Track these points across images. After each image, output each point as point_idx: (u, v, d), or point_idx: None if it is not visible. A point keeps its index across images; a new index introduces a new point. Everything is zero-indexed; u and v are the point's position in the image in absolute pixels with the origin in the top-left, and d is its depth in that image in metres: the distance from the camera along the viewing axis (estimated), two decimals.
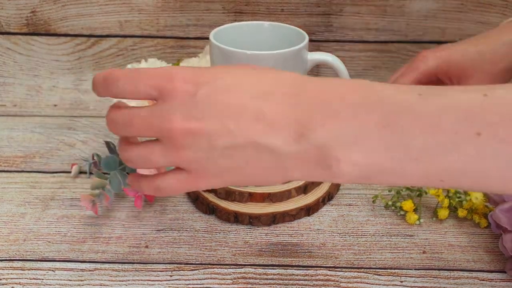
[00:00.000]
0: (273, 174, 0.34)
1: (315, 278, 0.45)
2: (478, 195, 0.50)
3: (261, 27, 0.55)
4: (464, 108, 0.29)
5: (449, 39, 0.74)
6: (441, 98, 0.30)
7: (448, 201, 0.51)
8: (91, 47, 0.75)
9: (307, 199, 0.52)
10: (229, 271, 0.45)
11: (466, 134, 0.29)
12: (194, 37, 0.74)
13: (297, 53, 0.48)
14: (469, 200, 0.50)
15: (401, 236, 0.50)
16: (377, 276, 0.45)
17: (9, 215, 0.52)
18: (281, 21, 0.72)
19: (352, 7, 0.72)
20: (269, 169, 0.33)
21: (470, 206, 0.51)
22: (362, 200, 0.55)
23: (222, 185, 0.35)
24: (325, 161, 0.31)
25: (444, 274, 0.45)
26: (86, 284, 0.44)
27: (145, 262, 0.46)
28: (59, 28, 0.74)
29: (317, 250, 0.48)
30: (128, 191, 0.51)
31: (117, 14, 0.73)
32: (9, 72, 0.76)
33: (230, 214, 0.51)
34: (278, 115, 0.32)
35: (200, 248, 0.48)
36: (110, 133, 0.68)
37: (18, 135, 0.67)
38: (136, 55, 0.75)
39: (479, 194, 0.50)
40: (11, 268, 0.45)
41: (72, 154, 0.63)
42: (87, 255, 0.47)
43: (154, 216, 0.52)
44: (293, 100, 0.32)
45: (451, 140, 0.29)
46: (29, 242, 0.49)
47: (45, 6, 0.72)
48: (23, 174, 0.59)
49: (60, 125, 0.70)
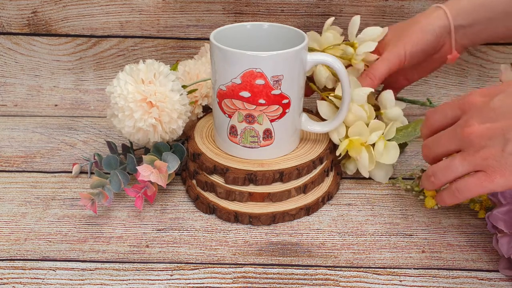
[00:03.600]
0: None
1: (315, 277, 0.45)
2: None
3: (261, 27, 0.55)
4: None
5: None
6: None
7: None
8: (92, 47, 0.75)
9: (307, 199, 0.53)
10: (229, 271, 0.46)
11: None
12: (194, 38, 0.75)
13: (297, 53, 0.48)
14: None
15: (400, 235, 0.50)
16: (377, 275, 0.45)
17: (10, 215, 0.52)
18: (281, 21, 0.73)
19: (351, 8, 0.72)
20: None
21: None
22: (362, 200, 0.55)
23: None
24: None
25: (443, 274, 0.46)
26: (87, 284, 0.44)
27: (145, 262, 0.47)
28: (60, 28, 0.74)
29: (316, 250, 0.48)
30: (129, 191, 0.51)
31: (118, 14, 0.73)
32: (10, 72, 0.76)
33: (230, 214, 0.51)
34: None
35: (200, 248, 0.48)
36: (110, 133, 0.68)
37: (19, 135, 0.68)
38: (136, 55, 0.76)
39: None
40: (12, 268, 0.46)
41: (73, 154, 0.63)
42: (88, 254, 0.47)
43: (155, 215, 0.52)
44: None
45: None
46: (30, 241, 0.49)
47: (46, 6, 0.73)
48: (24, 174, 0.59)
49: (61, 125, 0.70)
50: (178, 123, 0.53)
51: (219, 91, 0.50)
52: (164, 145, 0.54)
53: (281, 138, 0.52)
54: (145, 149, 0.58)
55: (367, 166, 0.54)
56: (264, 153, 0.52)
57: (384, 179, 0.57)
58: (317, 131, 0.55)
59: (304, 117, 0.54)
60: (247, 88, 0.48)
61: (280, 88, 0.49)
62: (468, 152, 0.40)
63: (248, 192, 0.51)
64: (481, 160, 0.39)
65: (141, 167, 0.50)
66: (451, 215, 0.53)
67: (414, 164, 0.61)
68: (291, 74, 0.49)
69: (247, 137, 0.51)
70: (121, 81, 0.51)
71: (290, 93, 0.50)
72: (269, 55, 0.47)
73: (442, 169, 0.42)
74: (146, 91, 0.50)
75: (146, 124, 0.51)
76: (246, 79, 0.48)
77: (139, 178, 0.50)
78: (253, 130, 0.51)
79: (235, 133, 0.52)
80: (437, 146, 0.43)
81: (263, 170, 0.51)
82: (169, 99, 0.51)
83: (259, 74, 0.47)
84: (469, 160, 0.40)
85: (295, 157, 0.53)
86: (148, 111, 0.51)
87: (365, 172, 0.55)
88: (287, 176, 0.51)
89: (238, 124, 0.51)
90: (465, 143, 0.40)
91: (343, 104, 0.52)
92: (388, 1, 0.71)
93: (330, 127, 0.54)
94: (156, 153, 0.54)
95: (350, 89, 0.51)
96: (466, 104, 0.41)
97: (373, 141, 0.54)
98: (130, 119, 0.51)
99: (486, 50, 0.75)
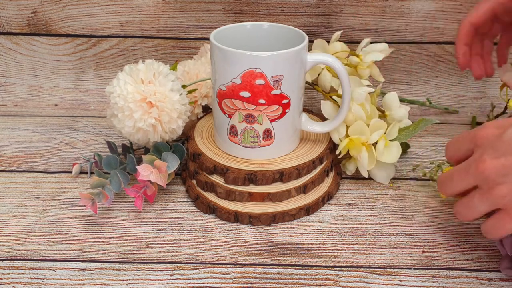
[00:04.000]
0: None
1: (315, 277, 0.45)
2: None
3: (261, 27, 0.55)
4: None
5: (448, 40, 0.74)
6: None
7: None
8: (92, 47, 0.75)
9: (307, 199, 0.53)
10: (229, 271, 0.46)
11: None
12: (194, 38, 0.75)
13: (297, 53, 0.48)
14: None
15: (400, 235, 0.50)
16: (377, 275, 0.45)
17: (10, 215, 0.52)
18: (281, 22, 0.73)
19: (351, 8, 0.72)
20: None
21: None
22: (362, 199, 0.55)
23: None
24: None
25: (443, 274, 0.46)
26: (87, 284, 0.44)
27: (145, 262, 0.47)
28: (60, 28, 0.74)
29: (316, 250, 0.48)
30: (129, 191, 0.51)
31: (118, 14, 0.73)
32: (10, 72, 0.76)
33: (230, 214, 0.51)
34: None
35: (200, 248, 0.48)
36: (110, 133, 0.68)
37: (19, 135, 0.68)
38: (136, 55, 0.75)
39: None
40: (12, 268, 0.46)
41: (73, 154, 0.63)
42: (88, 254, 0.47)
43: (155, 215, 0.52)
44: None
45: None
46: (30, 241, 0.49)
47: (46, 6, 0.73)
48: (24, 174, 0.59)
49: (61, 125, 0.70)
50: (178, 123, 0.53)
51: (219, 91, 0.50)
52: (164, 145, 0.54)
53: (281, 138, 0.52)
54: (145, 149, 0.58)
55: (366, 166, 0.54)
56: (264, 153, 0.52)
57: (385, 180, 0.57)
58: (317, 131, 0.55)
59: (304, 117, 0.54)
60: (247, 88, 0.48)
61: (280, 88, 0.49)
62: (485, 190, 0.39)
63: (248, 192, 0.51)
64: (499, 199, 0.38)
65: (141, 166, 0.50)
66: (451, 215, 0.53)
67: (415, 164, 0.61)
68: (291, 74, 0.49)
69: (247, 137, 0.51)
70: (121, 81, 0.51)
71: (290, 93, 0.50)
72: (269, 55, 0.47)
73: (465, 208, 0.41)
74: (145, 91, 0.50)
75: (146, 124, 0.51)
76: (246, 79, 0.48)
77: (139, 178, 0.50)
78: (253, 130, 0.51)
79: (235, 133, 0.52)
80: (451, 184, 0.42)
81: (263, 170, 0.51)
82: (168, 99, 0.51)
83: (259, 74, 0.47)
84: (487, 198, 0.39)
85: (295, 157, 0.53)
86: (148, 111, 0.51)
87: (364, 172, 0.55)
88: (287, 176, 0.51)
89: (238, 124, 0.51)
90: (480, 179, 0.39)
91: (343, 104, 0.52)
92: (388, 1, 0.71)
93: (330, 127, 0.54)
94: (156, 153, 0.54)
95: (350, 89, 0.51)
96: (478, 138, 0.40)
97: (374, 141, 0.54)
98: (130, 119, 0.51)
99: None
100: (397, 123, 0.56)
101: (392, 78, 0.76)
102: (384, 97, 0.58)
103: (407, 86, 0.76)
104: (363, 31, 0.73)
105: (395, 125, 0.55)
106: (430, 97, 0.75)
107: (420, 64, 0.75)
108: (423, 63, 0.75)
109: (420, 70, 0.76)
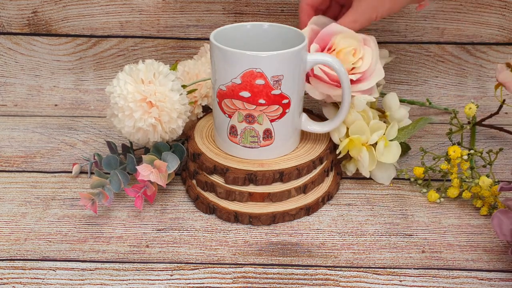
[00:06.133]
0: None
1: (315, 277, 0.45)
2: (485, 180, 0.50)
3: (261, 27, 0.55)
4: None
5: (448, 40, 0.74)
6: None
7: (459, 182, 0.53)
8: (92, 47, 0.75)
9: (307, 199, 0.53)
10: (229, 271, 0.46)
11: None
12: (194, 38, 0.75)
13: (297, 53, 0.48)
14: (477, 185, 0.51)
15: (400, 235, 0.50)
16: (376, 275, 0.45)
17: (10, 215, 0.52)
18: (281, 22, 0.73)
19: None
20: None
21: (477, 192, 0.52)
22: (362, 200, 0.55)
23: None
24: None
25: (443, 274, 0.46)
26: (87, 284, 0.44)
27: (145, 262, 0.47)
28: (60, 28, 0.74)
29: (316, 250, 0.48)
30: (129, 190, 0.51)
31: (118, 14, 0.73)
32: (10, 72, 0.77)
33: (230, 214, 0.51)
34: None
35: (200, 248, 0.48)
36: (110, 133, 0.68)
37: (19, 135, 0.68)
38: (136, 55, 0.76)
39: (485, 178, 0.50)
40: (12, 268, 0.46)
41: (73, 154, 0.63)
42: (88, 254, 0.47)
43: (155, 215, 0.52)
44: None
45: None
46: (30, 241, 0.49)
47: (46, 6, 0.73)
48: (24, 174, 0.59)
49: (61, 125, 0.70)
50: (178, 123, 0.53)
51: (219, 91, 0.50)
52: (164, 145, 0.54)
53: (281, 138, 0.52)
54: (145, 149, 0.58)
55: (367, 166, 0.54)
56: (264, 153, 0.52)
57: (386, 180, 0.57)
58: (317, 131, 0.55)
59: (304, 117, 0.54)
60: (247, 88, 0.48)
61: (280, 88, 0.49)
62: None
63: (248, 192, 0.51)
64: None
65: (141, 166, 0.50)
66: (451, 215, 0.53)
67: (415, 164, 0.61)
68: (291, 74, 0.49)
69: (247, 137, 0.51)
70: (121, 81, 0.51)
71: (290, 93, 0.50)
72: (269, 55, 0.47)
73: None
74: (145, 91, 0.50)
75: (146, 124, 0.51)
76: (246, 79, 0.48)
77: (139, 178, 0.50)
78: (253, 130, 0.51)
79: (235, 133, 0.52)
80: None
81: (263, 170, 0.51)
82: (168, 98, 0.51)
83: (259, 74, 0.47)
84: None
85: (295, 157, 0.53)
86: (148, 111, 0.51)
87: (365, 172, 0.55)
88: (287, 176, 0.51)
89: (238, 124, 0.51)
90: None
91: (343, 104, 0.52)
92: None
93: (330, 127, 0.54)
94: (156, 153, 0.54)
95: (350, 90, 0.51)
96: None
97: (374, 141, 0.54)
98: (130, 119, 0.51)
99: (486, 50, 0.75)
100: (396, 123, 0.56)
101: (392, 78, 0.76)
102: (384, 97, 0.59)
103: (407, 86, 0.76)
104: (363, 31, 0.73)
105: (394, 125, 0.55)
106: (430, 97, 0.75)
107: (420, 64, 0.75)
108: (423, 63, 0.75)
109: (420, 70, 0.76)
